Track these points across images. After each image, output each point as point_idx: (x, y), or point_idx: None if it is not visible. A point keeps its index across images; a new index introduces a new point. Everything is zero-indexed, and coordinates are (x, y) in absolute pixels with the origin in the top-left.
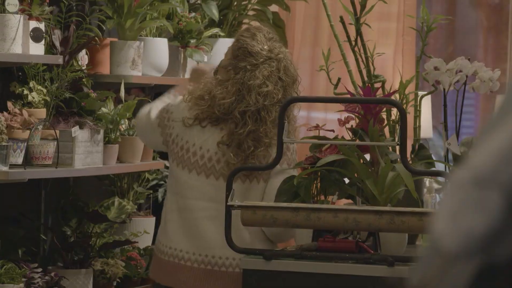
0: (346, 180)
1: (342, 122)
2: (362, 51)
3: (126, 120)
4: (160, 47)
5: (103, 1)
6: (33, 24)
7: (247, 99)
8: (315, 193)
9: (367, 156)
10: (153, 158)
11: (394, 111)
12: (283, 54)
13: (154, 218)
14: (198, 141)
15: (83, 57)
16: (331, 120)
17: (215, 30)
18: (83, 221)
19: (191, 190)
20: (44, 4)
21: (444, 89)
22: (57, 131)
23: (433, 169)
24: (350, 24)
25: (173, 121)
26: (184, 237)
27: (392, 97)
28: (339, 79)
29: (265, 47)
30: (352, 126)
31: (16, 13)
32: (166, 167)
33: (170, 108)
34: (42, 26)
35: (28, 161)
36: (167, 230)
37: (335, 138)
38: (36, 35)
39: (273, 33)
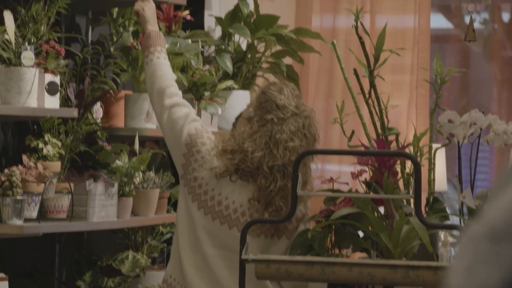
0: (361, 234)
1: (356, 175)
2: (376, 103)
3: (141, 173)
4: None
5: (118, 54)
6: (48, 77)
7: (275, 153)
8: (330, 246)
9: (381, 209)
10: (167, 211)
11: (408, 163)
12: (308, 112)
13: None
14: (224, 191)
15: (97, 110)
16: (345, 173)
17: (229, 82)
18: (97, 275)
19: (211, 237)
20: (59, 57)
21: (458, 142)
22: (72, 185)
23: (448, 222)
24: (364, 76)
25: (200, 166)
26: (202, 283)
27: (406, 150)
28: (353, 132)
29: (292, 102)
30: (366, 179)
31: (32, 66)
32: None
33: (202, 149)
34: (57, 79)
35: (43, 214)
36: (183, 271)
37: (349, 191)
38: (51, 89)
39: (298, 91)
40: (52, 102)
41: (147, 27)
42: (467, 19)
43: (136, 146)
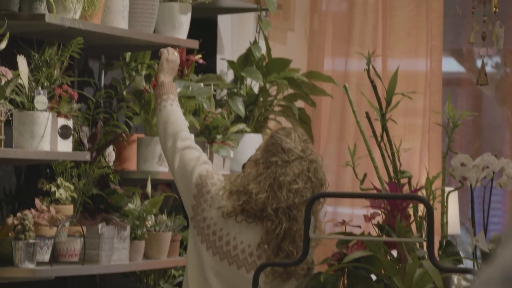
0: (373, 277)
1: (368, 218)
2: (388, 146)
3: (153, 216)
4: None
5: (131, 98)
6: (61, 121)
7: (279, 195)
8: None
9: (394, 253)
10: (179, 254)
11: (421, 207)
12: (315, 156)
13: None
14: (232, 231)
15: (110, 153)
16: (357, 216)
17: (242, 125)
18: None
19: (219, 278)
20: (72, 101)
21: (471, 185)
22: (84, 228)
23: (461, 266)
24: (376, 119)
25: (209, 205)
26: None
27: (419, 193)
28: (365, 175)
29: (299, 146)
30: (378, 222)
31: (45, 110)
32: None
33: (211, 190)
34: (70, 123)
35: (55, 258)
36: None
37: (362, 234)
38: (64, 132)
39: (307, 136)
40: (65, 146)
41: (160, 76)
42: (479, 63)
43: (149, 189)
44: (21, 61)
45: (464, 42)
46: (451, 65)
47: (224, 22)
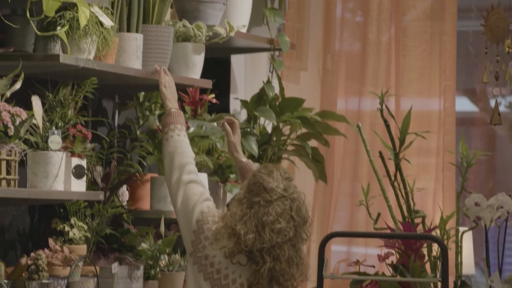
0: None
1: (382, 258)
2: (401, 186)
3: (166, 255)
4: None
5: (144, 138)
6: (75, 161)
7: (263, 235)
8: None
9: None
10: None
11: (435, 246)
12: (297, 194)
13: None
14: (236, 270)
15: (123, 193)
16: (371, 256)
17: (256, 165)
18: None
19: None
20: (86, 141)
21: (485, 225)
22: (97, 268)
23: None
24: (390, 159)
25: (211, 244)
26: None
27: (433, 233)
28: (379, 214)
29: (281, 185)
30: (392, 262)
31: (59, 150)
32: None
33: (213, 228)
34: (84, 163)
35: None
36: None
37: (376, 274)
38: (78, 172)
39: (289, 174)
40: (79, 186)
41: (167, 104)
42: (492, 103)
43: (162, 228)
44: (36, 101)
45: (477, 81)
46: (464, 104)
47: (237, 62)
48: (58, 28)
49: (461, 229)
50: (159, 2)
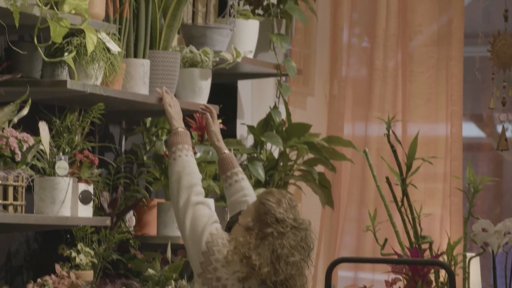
0: None
1: (389, 284)
2: (408, 211)
3: (173, 281)
4: None
5: (151, 163)
6: (82, 186)
7: (277, 268)
8: None
9: None
10: None
11: (442, 272)
12: (306, 225)
13: None
14: None
15: (130, 218)
16: (378, 281)
17: (261, 190)
18: None
19: None
20: (93, 167)
21: (492, 251)
22: None
23: None
24: (396, 184)
25: (223, 267)
26: None
27: (440, 259)
28: (386, 240)
29: (290, 215)
30: (399, 287)
31: (66, 176)
32: None
33: (223, 250)
34: (91, 188)
35: None
36: None
37: None
38: (85, 198)
39: (294, 198)
40: (85, 211)
41: (174, 124)
42: (499, 128)
43: (169, 254)
44: (43, 127)
45: (484, 107)
46: (471, 130)
47: (244, 87)
48: (66, 54)
49: (469, 255)
50: (166, 28)
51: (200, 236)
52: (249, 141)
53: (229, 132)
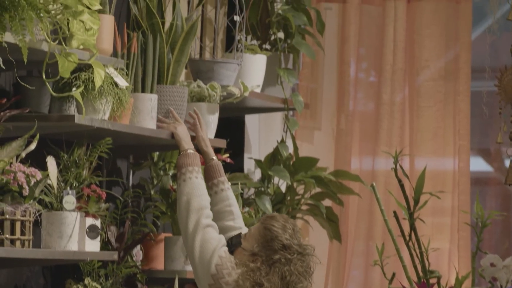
0: None
1: None
2: (416, 246)
3: None
4: None
5: (158, 197)
6: (89, 221)
7: None
8: None
9: None
10: None
11: None
12: (310, 250)
13: None
14: None
15: (137, 253)
16: None
17: None
18: None
19: None
20: (100, 201)
21: (501, 286)
22: None
23: None
24: (404, 219)
25: None
26: None
27: None
28: (393, 274)
29: (295, 241)
30: None
31: (73, 210)
32: None
33: (233, 273)
34: (98, 223)
35: None
36: None
37: None
38: (92, 232)
39: (297, 226)
40: (93, 246)
41: (183, 145)
42: (507, 163)
43: None
44: (50, 161)
45: (491, 142)
46: (479, 164)
47: (251, 121)
48: (74, 89)
49: None
50: (174, 62)
51: (210, 259)
52: (257, 175)
53: (236, 166)
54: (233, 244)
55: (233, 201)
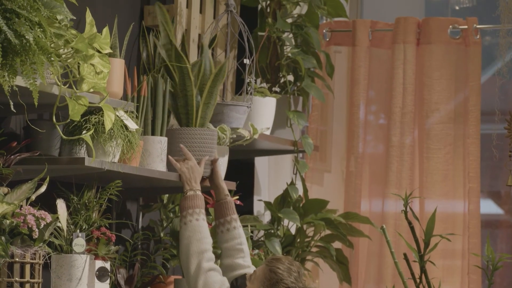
0: None
1: None
2: None
3: None
4: None
5: (168, 240)
6: (99, 263)
7: None
8: None
9: None
10: None
11: None
12: None
13: None
14: None
15: None
16: None
17: None
18: None
19: None
20: (110, 243)
21: None
22: None
23: None
24: (414, 261)
25: None
26: None
27: None
28: None
29: (300, 284)
30: None
31: (83, 253)
32: None
33: None
34: (107, 265)
35: None
36: None
37: None
38: (101, 275)
39: (302, 268)
40: None
41: (185, 187)
42: None
43: None
44: (60, 204)
45: (502, 184)
46: (489, 207)
47: (261, 163)
48: (84, 132)
49: None
50: (203, 105)
51: None
52: (266, 217)
53: (246, 208)
54: (238, 285)
55: (243, 239)
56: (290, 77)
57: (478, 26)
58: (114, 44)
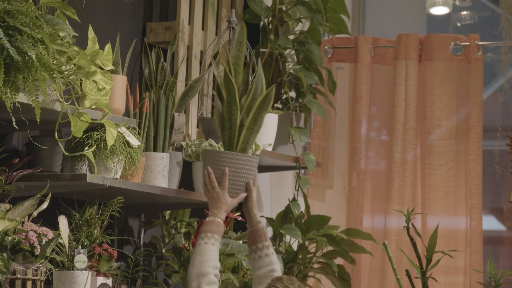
0: None
1: None
2: None
3: None
4: None
5: (170, 256)
6: (100, 280)
7: None
8: None
9: None
10: None
11: None
12: None
13: None
14: None
15: None
16: None
17: None
18: None
19: None
20: (111, 260)
21: None
22: None
23: None
24: (416, 277)
25: None
26: None
27: None
28: None
29: None
30: None
31: (85, 269)
32: None
33: None
34: (109, 281)
35: None
36: None
37: None
38: None
39: (303, 285)
40: None
41: (209, 213)
42: None
43: None
44: (62, 220)
45: (504, 201)
46: (491, 223)
47: (263, 179)
48: (86, 148)
49: None
50: (246, 130)
51: None
52: (268, 233)
53: None
54: None
55: (276, 266)
56: (292, 94)
57: (480, 43)
58: (116, 61)
